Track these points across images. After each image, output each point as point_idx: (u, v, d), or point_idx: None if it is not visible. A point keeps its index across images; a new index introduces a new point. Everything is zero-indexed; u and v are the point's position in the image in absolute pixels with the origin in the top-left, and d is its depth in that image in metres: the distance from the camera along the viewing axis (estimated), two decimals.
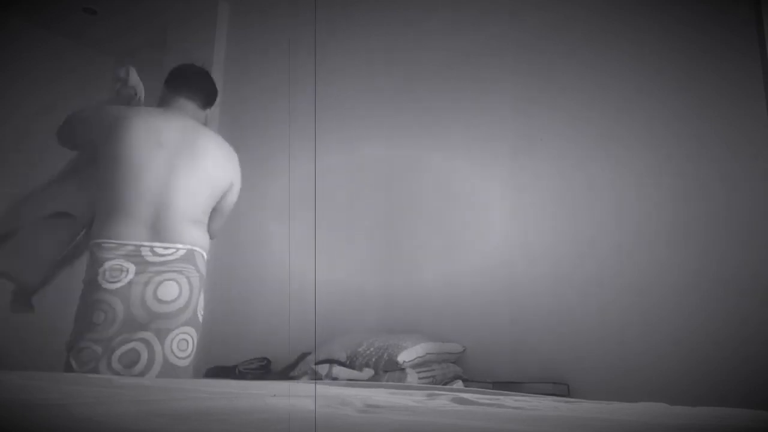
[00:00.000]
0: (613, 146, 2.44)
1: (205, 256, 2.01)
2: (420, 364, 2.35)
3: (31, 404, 0.82)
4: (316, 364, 2.37)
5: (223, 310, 3.55)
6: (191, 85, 2.15)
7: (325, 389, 1.38)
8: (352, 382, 1.96)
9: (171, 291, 1.88)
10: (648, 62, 2.41)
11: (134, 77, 2.15)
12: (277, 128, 3.64)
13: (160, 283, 1.88)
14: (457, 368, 2.52)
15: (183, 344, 1.88)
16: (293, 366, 2.63)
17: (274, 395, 1.07)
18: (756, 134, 2.13)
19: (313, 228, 3.30)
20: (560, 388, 2.25)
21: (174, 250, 1.92)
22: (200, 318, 1.96)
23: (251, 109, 3.82)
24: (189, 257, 1.94)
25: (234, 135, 3.86)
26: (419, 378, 2.28)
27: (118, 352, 1.83)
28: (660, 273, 2.24)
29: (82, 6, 4.11)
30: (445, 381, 2.40)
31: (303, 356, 2.64)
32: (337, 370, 2.28)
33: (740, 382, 1.99)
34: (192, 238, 1.97)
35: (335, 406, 0.95)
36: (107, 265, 1.87)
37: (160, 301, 1.86)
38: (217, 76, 4.01)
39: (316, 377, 2.31)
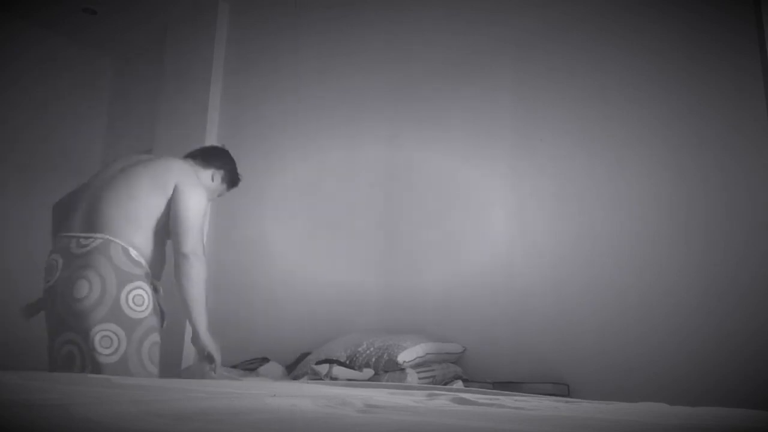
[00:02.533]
0: (613, 146, 2.44)
1: (132, 253, 1.98)
2: (420, 364, 2.35)
3: (31, 404, 0.82)
4: (316, 364, 2.37)
5: (224, 310, 3.54)
6: (198, 152, 2.40)
7: (325, 389, 1.38)
8: (352, 382, 1.96)
9: (82, 288, 1.89)
10: (648, 62, 2.41)
11: None
12: (275, 127, 3.64)
13: (75, 281, 1.91)
14: (457, 368, 2.52)
15: (106, 341, 1.87)
16: (293, 366, 2.63)
17: (274, 395, 1.07)
18: (756, 134, 2.13)
19: (313, 228, 3.30)
20: (560, 388, 2.25)
21: (93, 239, 1.96)
22: (133, 313, 1.93)
23: (251, 108, 3.82)
24: (104, 248, 1.94)
25: (233, 134, 3.87)
26: (419, 378, 2.28)
27: (60, 357, 1.91)
28: (660, 273, 2.24)
29: (82, 6, 4.11)
30: (445, 381, 2.40)
31: (303, 356, 2.64)
32: (337, 370, 2.28)
33: (740, 382, 1.99)
34: (115, 229, 1.98)
35: (335, 406, 0.95)
36: (47, 262, 2.01)
37: (74, 299, 1.89)
38: (217, 76, 4.02)
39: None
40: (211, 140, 3.91)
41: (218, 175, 2.35)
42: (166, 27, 4.34)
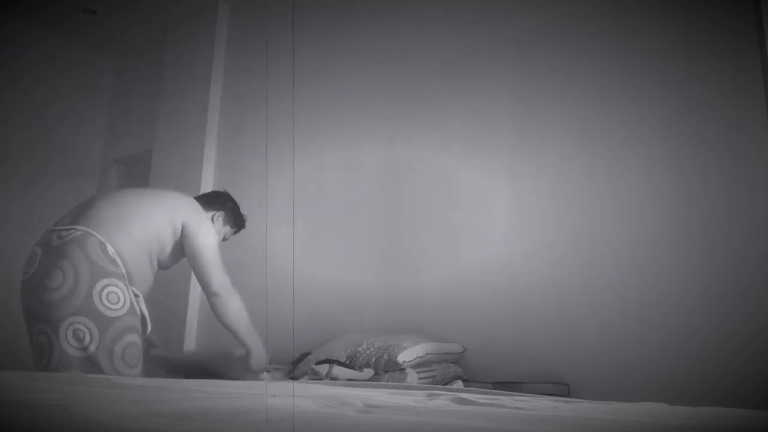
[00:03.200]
0: (613, 146, 2.44)
1: (110, 249, 1.96)
2: (420, 364, 2.35)
3: (31, 404, 0.82)
4: (316, 364, 2.37)
5: None
6: (199, 197, 2.47)
7: (325, 389, 1.38)
8: (352, 382, 1.96)
9: (56, 278, 1.88)
10: (648, 62, 2.41)
11: None
12: (275, 128, 3.64)
13: (50, 270, 1.90)
14: (457, 368, 2.52)
15: (79, 334, 1.85)
16: (293, 366, 2.63)
17: (274, 395, 1.07)
18: (756, 134, 2.13)
19: (313, 228, 3.30)
20: (560, 388, 2.25)
21: (73, 231, 1.96)
22: (107, 311, 1.90)
23: (251, 108, 3.82)
24: (81, 240, 1.93)
25: (233, 135, 3.87)
26: (419, 378, 2.28)
27: (33, 347, 1.91)
28: (660, 273, 2.24)
29: (82, 6, 4.11)
30: (445, 381, 2.40)
31: (303, 356, 2.64)
32: (337, 370, 2.28)
33: (740, 382, 1.99)
34: (99, 225, 1.98)
35: (335, 406, 0.95)
36: (28, 254, 2.01)
37: (46, 288, 1.88)
38: (217, 76, 4.02)
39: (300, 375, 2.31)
40: (211, 140, 3.91)
41: (219, 216, 2.41)
42: (166, 27, 4.34)
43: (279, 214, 3.46)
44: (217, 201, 2.44)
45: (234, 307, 2.15)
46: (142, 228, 2.07)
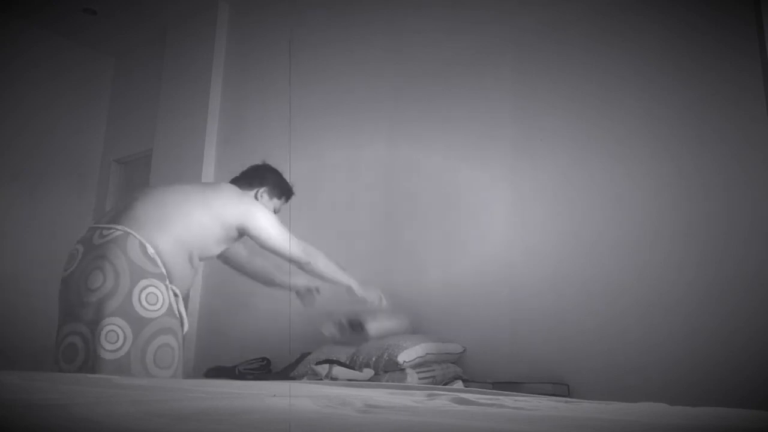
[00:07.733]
0: (613, 146, 2.44)
1: (149, 250, 1.95)
2: (420, 364, 2.35)
3: (31, 404, 0.82)
4: (316, 364, 2.37)
5: (224, 310, 3.54)
6: (240, 176, 2.45)
7: (325, 389, 1.38)
8: (352, 382, 1.96)
9: (96, 279, 1.87)
10: (648, 62, 2.41)
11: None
12: (276, 127, 3.64)
13: (91, 271, 1.89)
14: (457, 368, 2.52)
15: (112, 336, 1.83)
16: (293, 366, 2.63)
17: (274, 395, 1.07)
18: (756, 134, 2.13)
19: (313, 228, 3.29)
20: (560, 388, 2.25)
21: (113, 231, 1.95)
22: (144, 312, 1.89)
23: (251, 108, 3.82)
24: (120, 241, 1.92)
25: (233, 134, 3.87)
26: (419, 378, 2.28)
27: (61, 347, 1.88)
28: (660, 273, 2.24)
29: (82, 6, 4.11)
30: (445, 381, 2.40)
31: (303, 356, 2.64)
32: (337, 370, 2.28)
33: (740, 382, 1.99)
34: (138, 225, 1.97)
35: (335, 406, 0.95)
36: (69, 251, 2.00)
37: (87, 289, 1.87)
38: (217, 76, 4.02)
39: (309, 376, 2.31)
40: (211, 140, 3.92)
41: (264, 192, 2.39)
42: (166, 27, 4.34)
43: (279, 213, 3.46)
44: (256, 177, 2.40)
45: (321, 265, 2.33)
46: (183, 227, 2.06)
